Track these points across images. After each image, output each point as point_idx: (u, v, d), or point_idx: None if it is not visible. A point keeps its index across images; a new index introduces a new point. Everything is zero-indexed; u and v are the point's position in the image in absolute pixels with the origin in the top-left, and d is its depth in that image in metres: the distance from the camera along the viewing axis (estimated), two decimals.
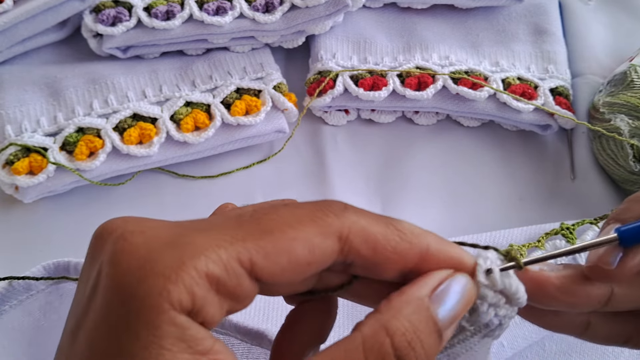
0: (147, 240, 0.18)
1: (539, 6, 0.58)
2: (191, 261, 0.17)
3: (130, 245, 0.18)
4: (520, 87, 0.51)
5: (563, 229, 0.42)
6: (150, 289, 0.17)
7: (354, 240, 0.20)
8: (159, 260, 0.18)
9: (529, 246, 0.41)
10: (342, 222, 0.20)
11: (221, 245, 0.18)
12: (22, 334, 0.37)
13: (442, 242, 0.22)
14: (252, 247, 0.18)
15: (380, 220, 0.21)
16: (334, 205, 0.20)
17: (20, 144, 0.46)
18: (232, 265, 0.18)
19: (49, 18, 0.51)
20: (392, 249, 0.20)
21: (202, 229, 0.19)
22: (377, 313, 0.20)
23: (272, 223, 0.19)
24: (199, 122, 0.49)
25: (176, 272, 0.17)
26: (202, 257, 0.18)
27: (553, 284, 0.25)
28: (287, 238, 0.19)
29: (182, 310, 0.17)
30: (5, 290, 0.37)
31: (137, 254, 0.18)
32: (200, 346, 0.18)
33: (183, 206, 0.50)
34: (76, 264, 0.38)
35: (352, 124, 0.55)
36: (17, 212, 0.48)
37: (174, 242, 0.18)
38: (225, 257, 0.18)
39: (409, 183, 0.51)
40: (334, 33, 0.55)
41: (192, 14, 0.51)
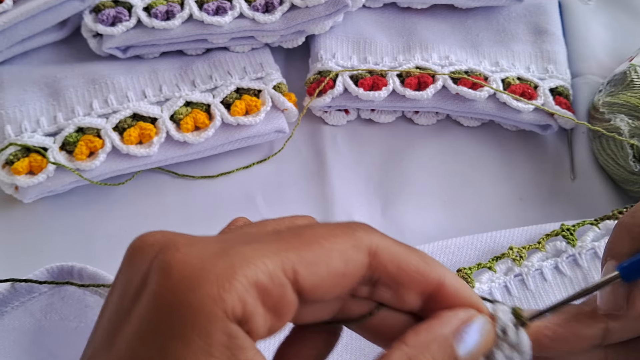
0: (198, 250, 0.19)
1: (539, 6, 0.58)
2: (242, 270, 0.18)
3: (183, 255, 0.19)
4: (520, 87, 0.51)
5: (563, 230, 0.42)
6: (204, 296, 0.17)
7: (382, 255, 0.21)
8: (211, 269, 0.18)
9: (529, 248, 0.41)
10: (370, 238, 0.21)
11: (267, 255, 0.19)
12: (24, 334, 0.37)
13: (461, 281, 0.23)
14: (294, 257, 0.19)
15: (401, 243, 0.22)
16: (361, 225, 0.22)
17: (20, 144, 0.46)
18: (278, 274, 0.19)
19: (48, 18, 0.51)
20: (415, 268, 0.22)
21: (247, 241, 0.20)
22: (403, 344, 0.21)
23: (311, 236, 0.20)
24: (198, 122, 0.49)
25: (229, 281, 0.18)
26: (251, 265, 0.18)
27: (546, 335, 0.26)
28: (325, 249, 0.20)
29: (234, 318, 0.18)
30: (8, 292, 0.37)
31: (191, 263, 0.18)
32: (242, 355, 0.18)
33: (183, 206, 0.50)
34: (80, 269, 0.38)
35: (352, 123, 0.55)
36: (17, 212, 0.48)
37: (224, 252, 0.19)
38: (272, 267, 0.19)
39: (408, 183, 0.51)
40: (333, 33, 0.55)
41: (192, 14, 0.51)
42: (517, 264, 0.40)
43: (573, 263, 0.41)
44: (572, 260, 0.41)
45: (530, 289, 0.39)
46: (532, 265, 0.40)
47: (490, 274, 0.40)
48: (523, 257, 0.41)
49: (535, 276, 0.40)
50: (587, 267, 0.40)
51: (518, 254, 0.41)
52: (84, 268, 0.38)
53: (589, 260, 0.41)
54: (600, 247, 0.41)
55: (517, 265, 0.40)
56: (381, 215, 0.49)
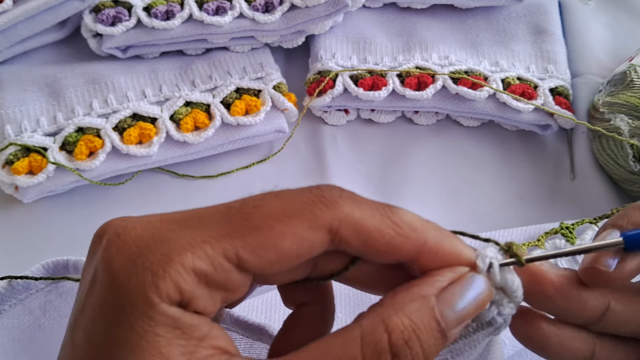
0: (138, 237, 0.19)
1: (539, 6, 0.58)
2: (178, 257, 0.18)
3: (123, 242, 0.19)
4: (520, 87, 0.51)
5: (563, 228, 0.42)
6: (140, 283, 0.18)
7: (345, 232, 0.20)
8: (147, 255, 0.18)
9: (529, 245, 0.41)
10: (332, 214, 0.19)
11: (207, 241, 0.19)
12: (23, 332, 0.37)
13: (442, 236, 0.22)
14: (238, 243, 0.19)
15: (376, 211, 0.20)
16: (327, 194, 0.20)
17: (20, 144, 0.46)
18: (219, 260, 0.19)
19: (48, 18, 0.51)
20: (386, 243, 0.20)
21: (191, 224, 0.19)
22: (379, 306, 0.20)
23: (260, 218, 0.19)
24: (198, 122, 0.49)
25: (163, 268, 0.18)
26: (188, 253, 0.18)
27: (552, 281, 0.24)
28: (274, 234, 0.19)
29: (172, 302, 0.18)
30: (5, 290, 0.37)
31: (128, 251, 0.19)
32: (195, 332, 0.19)
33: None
34: (75, 262, 0.37)
35: (352, 123, 0.55)
36: (17, 212, 0.48)
37: (163, 238, 0.19)
38: (211, 253, 0.19)
39: (408, 182, 0.51)
40: (333, 33, 0.55)
41: (192, 14, 0.51)
42: None
43: (572, 261, 0.41)
44: (571, 258, 0.41)
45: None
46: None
47: None
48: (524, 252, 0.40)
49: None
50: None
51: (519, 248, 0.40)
52: (79, 261, 0.38)
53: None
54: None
55: None
56: None
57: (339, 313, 0.38)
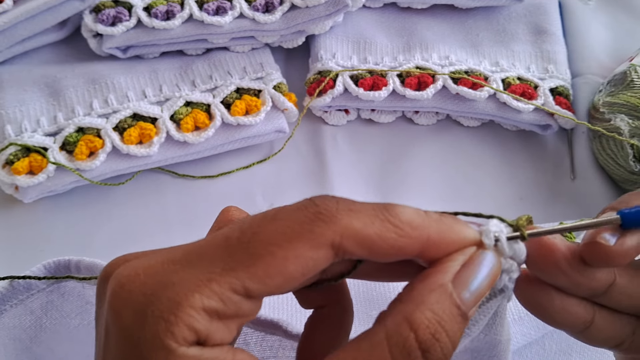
0: (142, 285, 0.19)
1: (539, 6, 0.58)
2: (186, 300, 0.18)
3: (128, 293, 0.19)
4: (520, 87, 0.51)
5: None
6: (155, 333, 0.18)
7: (347, 245, 0.19)
8: (156, 304, 0.18)
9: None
10: (332, 229, 0.19)
11: (212, 278, 0.18)
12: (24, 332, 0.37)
13: (444, 227, 0.21)
14: (243, 274, 0.19)
15: (375, 217, 0.20)
16: (323, 208, 0.19)
17: (20, 144, 0.46)
18: (227, 294, 0.18)
19: (48, 18, 0.51)
20: (390, 247, 0.20)
21: (192, 262, 0.19)
22: (399, 303, 0.20)
23: (260, 246, 0.19)
24: (199, 122, 0.49)
25: (175, 314, 0.18)
26: (195, 294, 0.18)
27: (562, 252, 0.24)
28: (277, 260, 0.19)
29: (190, 343, 0.18)
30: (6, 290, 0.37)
31: (136, 301, 0.19)
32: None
33: (183, 206, 0.50)
34: (77, 262, 0.37)
35: (352, 123, 0.55)
36: (17, 212, 0.48)
37: (168, 283, 0.19)
38: (218, 289, 0.18)
39: (409, 182, 0.51)
40: (333, 33, 0.55)
41: (192, 14, 0.51)
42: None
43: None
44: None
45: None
46: None
47: None
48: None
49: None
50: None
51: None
52: (81, 260, 0.37)
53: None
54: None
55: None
56: None
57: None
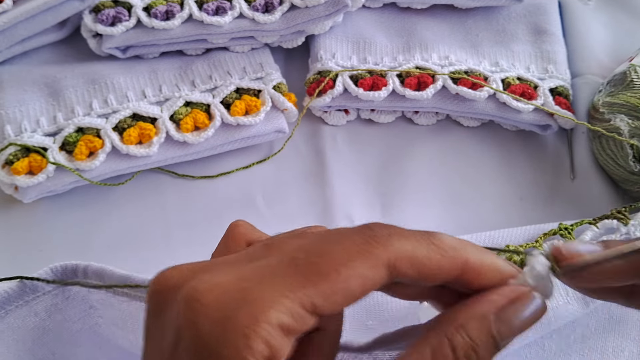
0: (218, 300, 0.20)
1: (539, 6, 0.58)
2: (263, 316, 0.19)
3: (205, 308, 0.20)
4: (520, 87, 0.51)
5: (561, 229, 0.42)
6: (233, 348, 0.19)
7: (401, 266, 0.21)
8: (235, 319, 0.19)
9: (527, 246, 0.41)
10: (389, 251, 0.21)
11: (286, 295, 0.20)
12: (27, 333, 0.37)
13: (480, 253, 0.23)
14: (312, 292, 0.20)
15: (422, 240, 0.22)
16: (378, 233, 0.22)
17: (19, 144, 0.46)
18: (297, 311, 0.20)
19: (48, 18, 0.51)
20: (436, 268, 0.22)
21: (264, 279, 0.20)
22: (443, 323, 0.22)
23: (328, 265, 0.21)
24: (198, 122, 0.49)
25: (253, 329, 0.19)
26: (272, 310, 0.20)
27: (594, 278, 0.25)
28: (343, 278, 0.20)
29: (265, 358, 0.19)
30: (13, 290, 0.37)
31: (214, 316, 0.20)
32: None
33: (183, 206, 0.50)
34: (85, 267, 0.38)
35: (352, 123, 0.55)
36: (16, 212, 0.48)
37: (244, 299, 0.20)
38: (291, 306, 0.20)
39: (408, 183, 0.51)
40: (333, 33, 0.55)
41: (192, 14, 0.51)
42: (514, 262, 0.40)
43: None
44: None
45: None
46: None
47: None
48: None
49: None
50: None
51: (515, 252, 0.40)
52: (89, 265, 0.38)
53: None
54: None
55: (515, 263, 0.40)
56: (381, 215, 0.49)
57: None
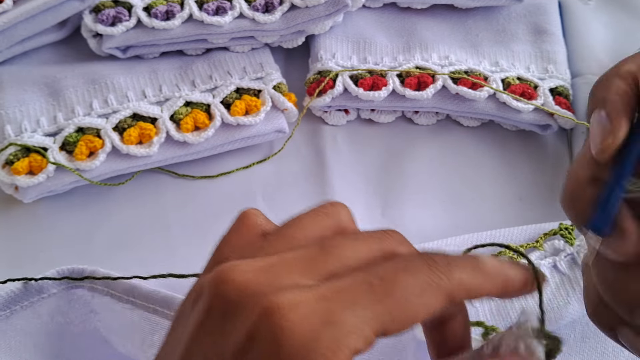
0: (304, 319, 0.20)
1: (539, 6, 0.58)
2: (345, 341, 0.20)
3: (291, 324, 0.20)
4: (520, 87, 0.51)
5: (562, 229, 0.42)
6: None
7: (458, 295, 0.23)
8: (319, 340, 0.20)
9: (527, 246, 0.41)
10: (451, 283, 0.22)
11: (366, 322, 0.21)
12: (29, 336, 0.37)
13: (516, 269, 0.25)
14: (387, 319, 0.21)
15: (471, 265, 0.23)
16: (440, 263, 0.23)
17: (20, 144, 0.46)
18: (372, 337, 0.21)
19: (48, 18, 0.51)
20: (480, 291, 0.24)
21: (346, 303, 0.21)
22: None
23: (402, 295, 0.22)
24: (198, 122, 0.49)
25: (334, 352, 0.20)
26: (352, 336, 0.20)
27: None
28: (413, 306, 0.22)
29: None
30: (19, 291, 0.37)
31: (298, 334, 0.20)
32: None
33: (183, 206, 0.50)
34: (92, 272, 0.38)
35: (352, 123, 0.55)
36: (16, 212, 0.48)
37: (329, 322, 0.20)
38: (368, 333, 0.21)
39: (408, 183, 0.51)
40: (333, 33, 0.55)
41: (192, 14, 0.51)
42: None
43: (571, 262, 0.41)
44: (571, 259, 0.41)
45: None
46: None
47: None
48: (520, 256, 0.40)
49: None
50: None
51: (516, 252, 0.40)
52: (96, 271, 0.38)
53: None
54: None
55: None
56: (381, 215, 0.49)
57: None
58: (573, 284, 0.40)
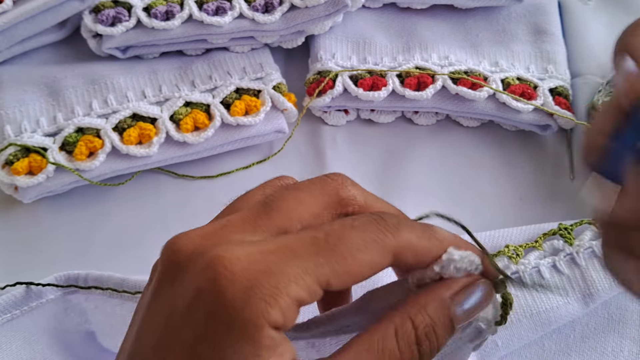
0: (246, 269, 0.22)
1: (539, 6, 0.58)
2: (285, 289, 0.21)
3: (231, 274, 0.21)
4: (520, 87, 0.51)
5: (561, 229, 0.42)
6: (253, 312, 0.21)
7: (405, 255, 0.24)
8: (260, 287, 0.21)
9: (526, 246, 0.41)
10: (397, 241, 0.23)
11: (307, 272, 0.22)
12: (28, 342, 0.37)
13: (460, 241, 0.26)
14: (329, 272, 0.22)
15: (425, 233, 0.25)
16: (389, 222, 0.24)
17: (19, 144, 0.46)
18: (314, 287, 0.22)
19: (48, 18, 0.51)
20: (432, 257, 0.25)
21: (287, 255, 0.22)
22: (407, 305, 0.24)
23: (345, 249, 0.23)
24: (198, 122, 0.49)
25: (274, 298, 0.21)
26: (292, 284, 0.21)
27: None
28: (357, 261, 0.23)
29: (275, 327, 0.21)
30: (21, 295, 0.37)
31: (240, 282, 0.21)
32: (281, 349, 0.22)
33: (183, 206, 0.50)
34: (85, 276, 0.38)
35: (352, 124, 0.55)
36: (16, 212, 0.48)
37: (270, 270, 0.22)
38: (310, 282, 0.22)
39: (408, 183, 0.51)
40: (333, 33, 0.55)
41: (192, 14, 0.51)
42: (513, 262, 0.40)
43: (571, 262, 0.40)
44: (570, 259, 0.41)
45: (527, 287, 0.39)
46: (528, 264, 0.40)
47: None
48: (520, 255, 0.40)
49: (533, 274, 0.40)
50: (585, 265, 0.40)
51: (514, 252, 0.40)
52: (90, 274, 0.38)
53: (586, 259, 0.40)
54: (598, 246, 0.41)
55: (514, 263, 0.40)
56: None
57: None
58: (573, 283, 0.40)
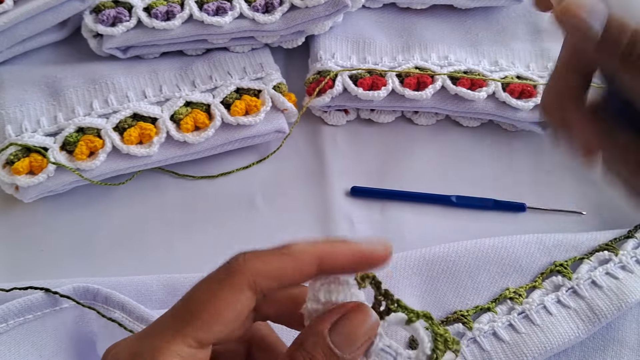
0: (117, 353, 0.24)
1: None
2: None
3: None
4: (520, 85, 0.51)
5: (557, 265, 0.43)
6: None
7: (262, 282, 0.25)
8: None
9: (527, 287, 0.42)
10: (246, 274, 0.25)
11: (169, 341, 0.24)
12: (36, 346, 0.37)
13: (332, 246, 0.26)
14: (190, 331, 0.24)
15: (273, 254, 0.25)
16: (235, 262, 0.25)
17: (20, 144, 0.47)
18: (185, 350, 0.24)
19: (49, 18, 0.51)
20: (293, 271, 0.25)
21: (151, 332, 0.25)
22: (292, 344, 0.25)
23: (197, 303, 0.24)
24: (198, 122, 0.49)
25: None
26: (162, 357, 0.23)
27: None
28: (213, 309, 0.24)
29: None
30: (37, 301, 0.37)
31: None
32: None
33: (183, 206, 0.50)
34: (106, 294, 0.38)
35: (352, 123, 0.55)
36: (17, 212, 0.48)
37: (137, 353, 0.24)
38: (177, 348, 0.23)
39: (408, 183, 0.51)
40: (333, 33, 0.55)
41: (192, 14, 0.51)
42: (517, 302, 0.41)
43: (574, 294, 0.41)
44: (572, 292, 0.41)
45: (537, 324, 0.39)
46: (533, 302, 0.41)
47: (491, 315, 0.41)
48: (522, 296, 0.41)
49: (540, 311, 0.40)
50: (590, 296, 0.41)
51: (516, 293, 0.41)
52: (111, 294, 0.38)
53: (588, 289, 0.41)
54: (597, 276, 0.42)
55: (518, 304, 0.41)
56: (380, 215, 0.49)
57: None
58: (581, 315, 0.40)
